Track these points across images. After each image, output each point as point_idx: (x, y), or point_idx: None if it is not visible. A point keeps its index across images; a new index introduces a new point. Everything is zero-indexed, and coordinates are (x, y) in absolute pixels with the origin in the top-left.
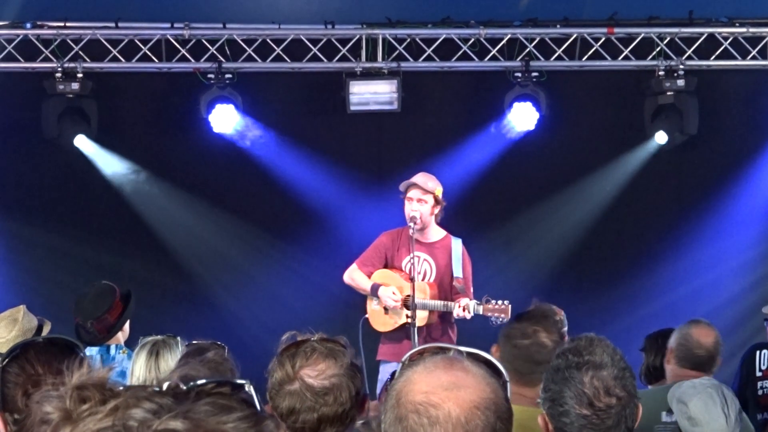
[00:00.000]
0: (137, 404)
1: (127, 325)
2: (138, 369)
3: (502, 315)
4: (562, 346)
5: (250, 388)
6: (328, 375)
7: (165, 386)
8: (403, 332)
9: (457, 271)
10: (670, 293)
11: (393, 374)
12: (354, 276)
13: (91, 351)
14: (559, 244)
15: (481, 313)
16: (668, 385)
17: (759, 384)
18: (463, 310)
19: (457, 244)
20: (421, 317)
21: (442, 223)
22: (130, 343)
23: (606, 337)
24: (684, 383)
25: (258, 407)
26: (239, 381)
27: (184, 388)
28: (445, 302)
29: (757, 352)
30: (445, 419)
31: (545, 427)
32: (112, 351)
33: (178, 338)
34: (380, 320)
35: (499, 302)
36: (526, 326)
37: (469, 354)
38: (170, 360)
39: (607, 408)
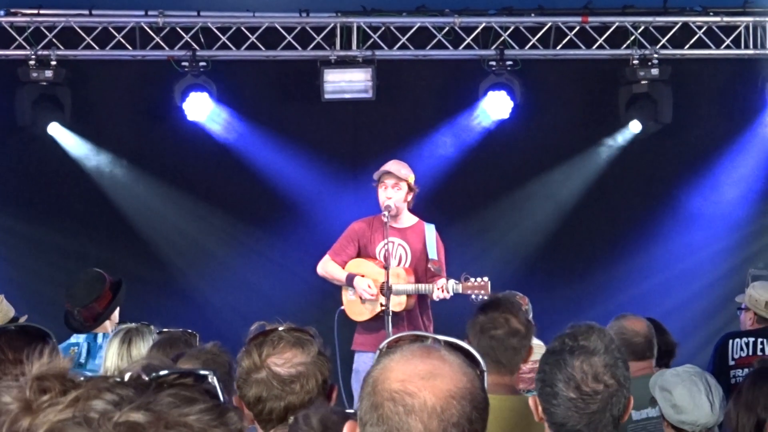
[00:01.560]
0: (98, 395)
1: (116, 314)
2: (110, 357)
3: (482, 291)
4: (562, 331)
5: (213, 379)
6: (295, 363)
7: (127, 377)
8: (380, 322)
9: (432, 254)
10: (644, 282)
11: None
12: (328, 267)
13: (78, 339)
14: (532, 232)
15: (460, 291)
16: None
17: (732, 373)
18: (442, 291)
19: (430, 229)
20: (399, 302)
21: (414, 210)
22: None
23: None
24: (666, 371)
25: (221, 398)
26: (202, 372)
27: (147, 379)
28: (424, 285)
29: (730, 341)
30: (420, 408)
31: (536, 408)
32: (99, 339)
33: (151, 326)
34: (357, 310)
35: (478, 279)
36: (496, 316)
37: (447, 343)
38: (142, 348)
39: (594, 393)
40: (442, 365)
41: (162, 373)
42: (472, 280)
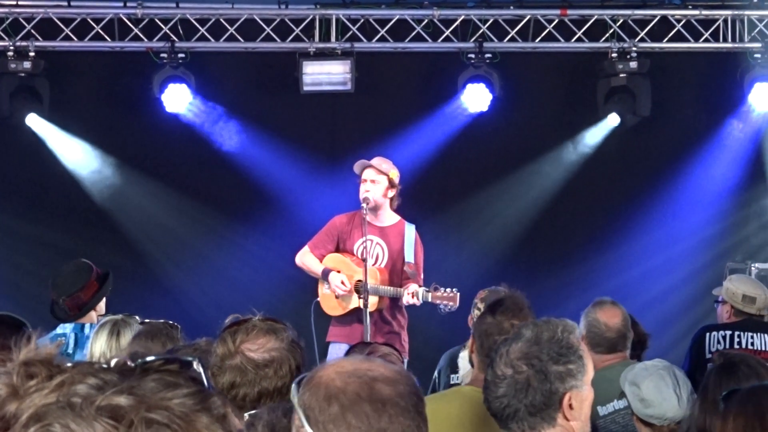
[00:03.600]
0: (82, 380)
1: (102, 305)
2: (98, 348)
3: (450, 303)
4: None
5: (198, 366)
6: (269, 348)
7: (113, 363)
8: (353, 316)
9: (409, 257)
10: (622, 274)
11: (347, 352)
12: (305, 259)
13: (65, 329)
14: (511, 225)
15: (429, 300)
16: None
17: (709, 366)
18: (413, 297)
19: (410, 230)
20: (371, 302)
21: (398, 210)
22: None
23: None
24: (636, 365)
25: (206, 385)
26: (187, 358)
27: (132, 365)
28: (396, 288)
29: (707, 334)
30: (383, 377)
31: None
32: (87, 330)
33: (136, 317)
34: (331, 304)
35: (448, 290)
36: (502, 320)
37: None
38: (130, 338)
39: (502, 377)
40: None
41: (147, 359)
42: (442, 290)
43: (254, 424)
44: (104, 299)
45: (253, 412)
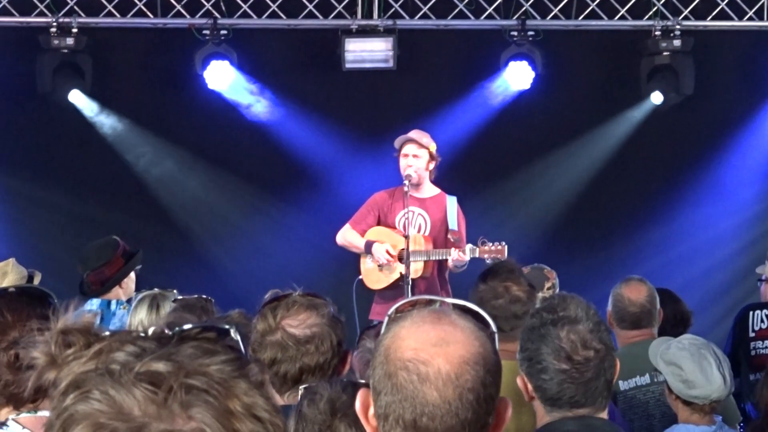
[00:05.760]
0: (120, 348)
1: (131, 283)
2: (137, 320)
3: (499, 256)
4: (535, 305)
5: (235, 334)
6: (309, 324)
7: (150, 332)
8: (397, 291)
9: (453, 224)
10: (665, 253)
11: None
12: (347, 236)
13: (92, 305)
14: (553, 203)
15: (477, 255)
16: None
17: (752, 344)
18: (459, 253)
19: (452, 201)
20: (415, 269)
21: (436, 182)
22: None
23: (598, 296)
24: (672, 344)
25: (243, 352)
26: (224, 326)
27: (169, 333)
28: (442, 249)
29: (750, 313)
30: (435, 376)
31: (524, 387)
32: (113, 306)
33: (175, 291)
34: (374, 278)
35: (495, 244)
36: (496, 285)
37: (456, 306)
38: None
39: (586, 361)
40: (453, 331)
41: (184, 327)
42: (489, 244)
43: (315, 401)
44: (133, 277)
45: (307, 385)
